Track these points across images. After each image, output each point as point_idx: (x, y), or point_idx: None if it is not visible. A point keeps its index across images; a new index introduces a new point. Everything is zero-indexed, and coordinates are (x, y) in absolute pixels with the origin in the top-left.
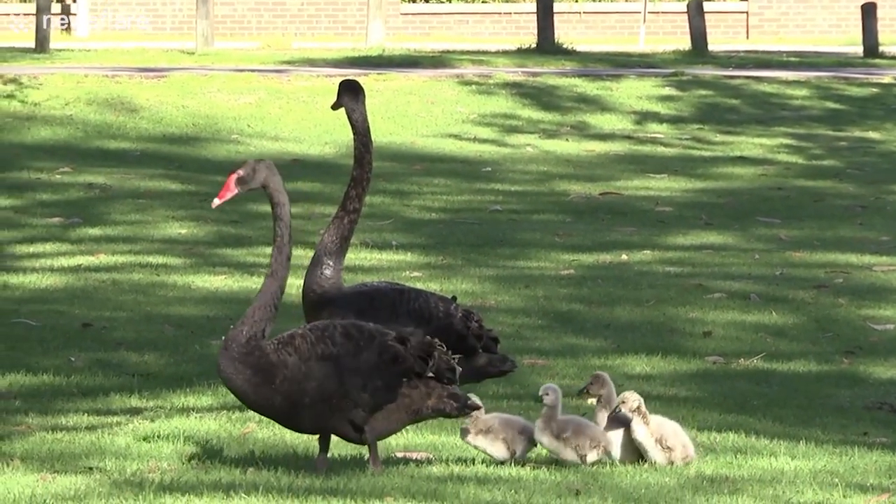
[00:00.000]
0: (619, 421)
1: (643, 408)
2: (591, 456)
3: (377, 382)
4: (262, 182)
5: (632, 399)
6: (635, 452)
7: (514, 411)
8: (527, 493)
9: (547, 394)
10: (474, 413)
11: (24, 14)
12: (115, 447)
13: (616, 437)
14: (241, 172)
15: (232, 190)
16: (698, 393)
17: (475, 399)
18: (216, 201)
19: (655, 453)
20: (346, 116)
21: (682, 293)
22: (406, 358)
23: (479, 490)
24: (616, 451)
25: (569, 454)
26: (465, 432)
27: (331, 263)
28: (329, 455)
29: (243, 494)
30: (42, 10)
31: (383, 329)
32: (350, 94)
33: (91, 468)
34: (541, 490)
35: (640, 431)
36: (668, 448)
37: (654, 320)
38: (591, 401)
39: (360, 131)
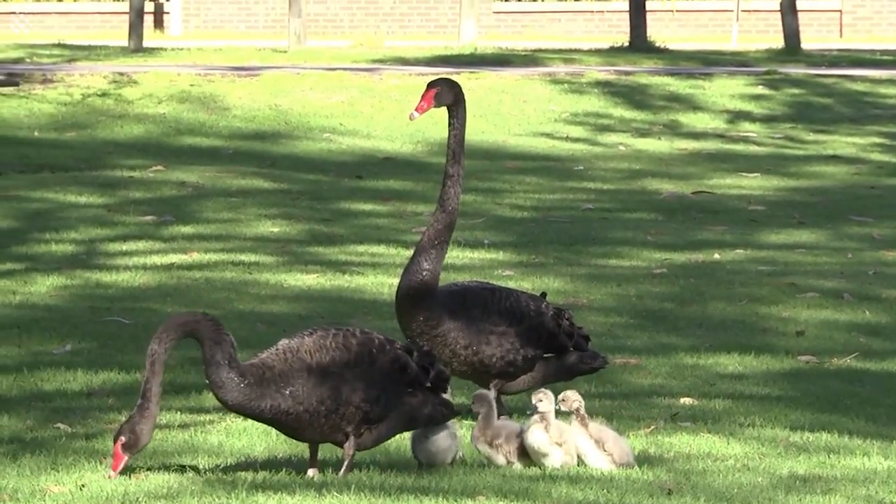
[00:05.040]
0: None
1: (582, 410)
2: (520, 463)
3: (389, 392)
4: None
5: (572, 399)
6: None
7: (605, 410)
8: (619, 492)
9: (474, 402)
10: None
11: (119, 13)
12: (207, 445)
13: (584, 441)
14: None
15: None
16: (791, 392)
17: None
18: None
19: (596, 457)
20: (433, 113)
21: (775, 292)
22: (413, 368)
23: (571, 489)
24: (554, 456)
25: (501, 460)
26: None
27: (428, 261)
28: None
29: (335, 493)
30: (136, 8)
31: (390, 338)
32: (455, 92)
33: (184, 466)
34: (633, 489)
35: (578, 436)
36: (608, 452)
37: (747, 319)
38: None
39: (462, 135)
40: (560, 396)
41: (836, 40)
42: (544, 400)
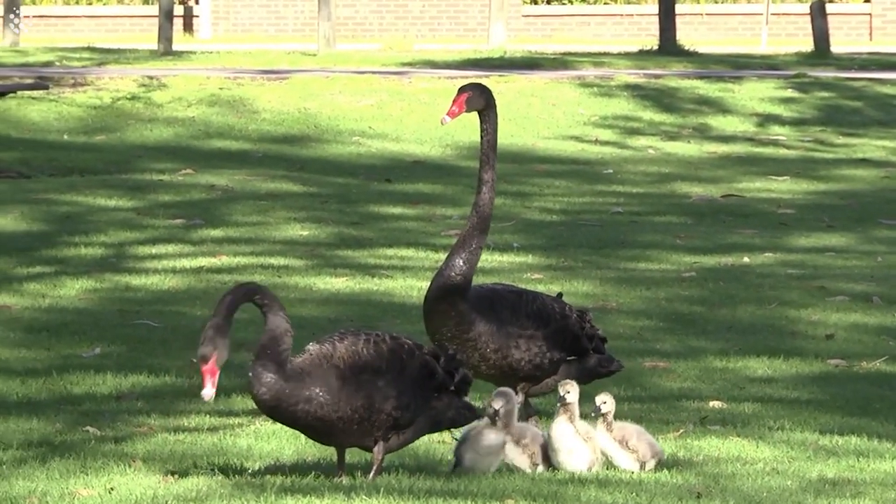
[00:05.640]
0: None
1: (610, 416)
2: (543, 466)
3: (418, 398)
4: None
5: (606, 403)
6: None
7: (634, 414)
8: (648, 495)
9: (496, 398)
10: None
11: (148, 16)
12: (236, 448)
13: (609, 444)
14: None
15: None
16: (820, 396)
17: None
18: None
19: (622, 457)
20: (463, 116)
21: (804, 295)
22: (440, 373)
23: (600, 492)
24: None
25: (524, 461)
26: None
27: (461, 265)
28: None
29: (364, 496)
30: (166, 12)
31: (417, 342)
32: (486, 97)
33: (213, 469)
34: (662, 493)
35: (603, 438)
36: (633, 449)
37: (776, 322)
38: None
39: (494, 139)
40: (596, 400)
41: (866, 43)
42: (572, 391)
